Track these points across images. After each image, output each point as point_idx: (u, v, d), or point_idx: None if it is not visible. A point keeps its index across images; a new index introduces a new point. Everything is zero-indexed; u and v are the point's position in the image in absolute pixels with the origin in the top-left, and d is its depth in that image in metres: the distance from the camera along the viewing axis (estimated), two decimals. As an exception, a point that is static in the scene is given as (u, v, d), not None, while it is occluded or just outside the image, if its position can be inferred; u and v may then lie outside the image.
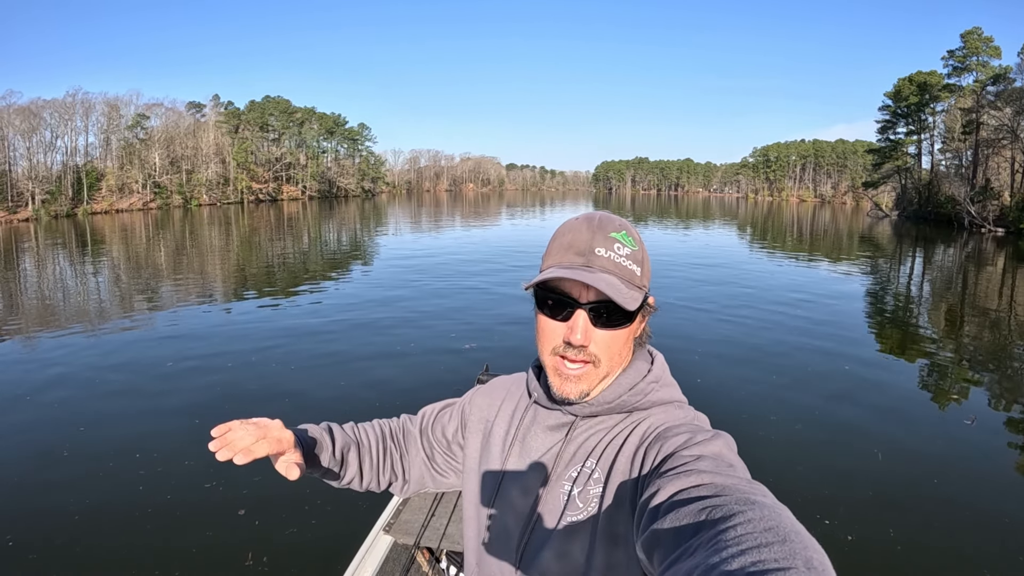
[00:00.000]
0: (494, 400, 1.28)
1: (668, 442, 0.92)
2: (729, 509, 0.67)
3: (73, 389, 7.61)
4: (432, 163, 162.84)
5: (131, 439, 6.09)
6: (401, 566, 2.97)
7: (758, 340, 10.16)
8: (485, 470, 1.19)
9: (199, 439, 4.86)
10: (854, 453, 5.99)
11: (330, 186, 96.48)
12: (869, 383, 8.22)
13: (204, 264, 21.30)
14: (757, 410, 7.05)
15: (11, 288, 16.25)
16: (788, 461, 5.76)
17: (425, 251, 23.40)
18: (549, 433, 1.12)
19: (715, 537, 0.62)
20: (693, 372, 8.23)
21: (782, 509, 0.67)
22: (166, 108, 71.00)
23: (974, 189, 44.11)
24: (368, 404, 7.02)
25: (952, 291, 17.45)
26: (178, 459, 5.62)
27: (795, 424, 6.66)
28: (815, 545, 0.59)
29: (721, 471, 0.80)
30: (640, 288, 1.03)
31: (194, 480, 5.25)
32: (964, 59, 51.37)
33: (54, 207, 51.01)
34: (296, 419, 1.26)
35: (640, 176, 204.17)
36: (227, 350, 9.25)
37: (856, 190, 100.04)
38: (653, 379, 1.07)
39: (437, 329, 10.60)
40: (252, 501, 4.88)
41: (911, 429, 6.69)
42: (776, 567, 0.54)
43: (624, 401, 1.05)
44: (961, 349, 10.55)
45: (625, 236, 1.02)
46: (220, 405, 7.01)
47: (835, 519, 4.73)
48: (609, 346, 1.02)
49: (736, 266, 20.40)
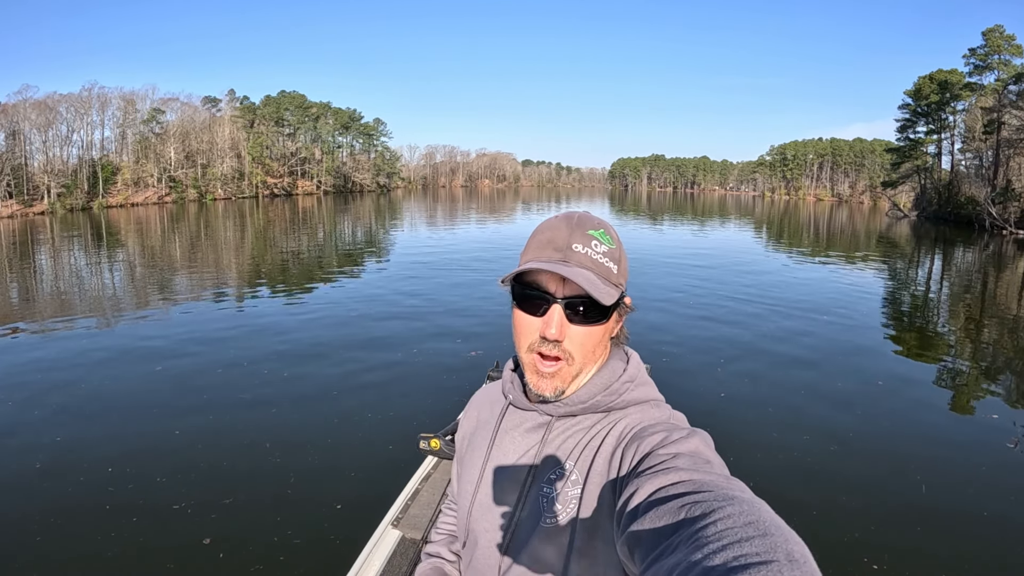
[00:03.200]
0: (472, 413, 1.31)
1: (645, 441, 0.93)
2: (708, 505, 0.67)
3: (87, 381, 7.59)
4: (448, 159, 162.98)
5: (143, 434, 6.09)
6: (409, 560, 2.93)
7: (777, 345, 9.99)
8: (467, 474, 1.20)
9: (213, 435, 4.79)
10: (886, 467, 5.80)
11: (345, 181, 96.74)
12: (904, 393, 7.94)
13: (219, 257, 21.48)
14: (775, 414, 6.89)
15: (25, 279, 16.35)
16: (816, 469, 5.61)
17: (441, 246, 23.44)
18: (526, 435, 1.13)
19: (695, 534, 0.63)
20: (709, 373, 8.11)
21: (761, 504, 0.67)
22: (182, 103, 71.65)
23: (995, 190, 43.37)
24: (379, 404, 6.96)
25: (972, 293, 17.12)
26: (191, 453, 5.65)
27: (830, 444, 6.46)
28: (796, 538, 0.59)
29: (699, 468, 0.80)
30: (616, 286, 1.04)
31: (201, 472, 5.29)
32: (985, 57, 50.48)
33: (70, 200, 51.48)
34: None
35: (656, 173, 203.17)
36: (235, 347, 9.22)
37: (874, 189, 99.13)
38: (628, 378, 1.08)
39: (448, 325, 10.52)
40: (260, 500, 4.87)
41: (948, 445, 6.49)
42: (758, 560, 0.54)
43: (599, 401, 1.05)
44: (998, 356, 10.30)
45: (603, 234, 1.04)
46: (229, 405, 6.99)
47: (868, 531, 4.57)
48: (583, 343, 1.03)
49: (752, 264, 20.21)
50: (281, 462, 5.50)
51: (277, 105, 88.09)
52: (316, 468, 5.41)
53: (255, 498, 4.90)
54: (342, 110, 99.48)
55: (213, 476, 5.24)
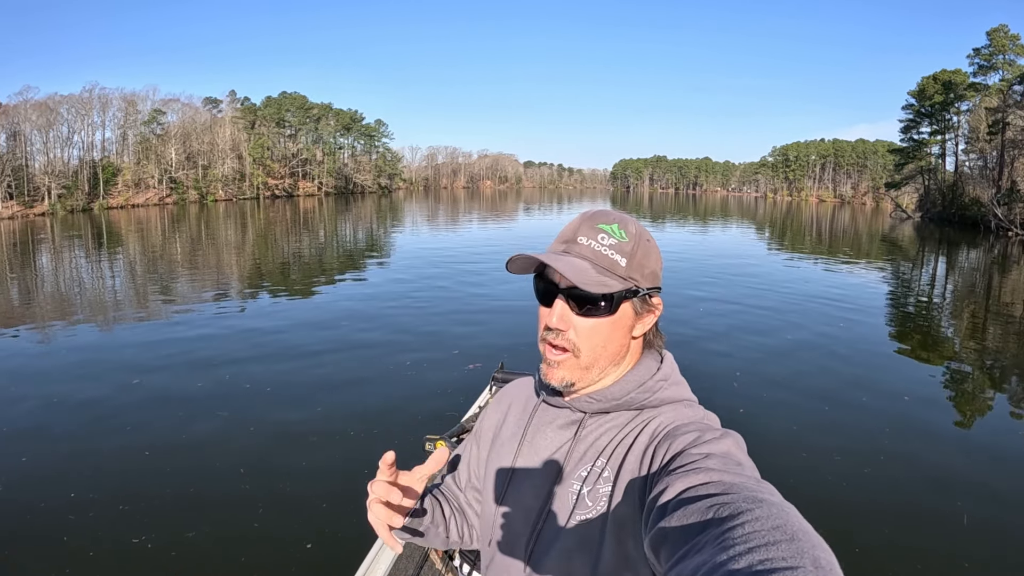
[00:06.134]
0: (502, 406, 1.29)
1: (677, 440, 0.93)
2: (737, 507, 0.67)
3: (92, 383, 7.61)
4: (449, 160, 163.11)
5: (149, 431, 6.20)
6: (415, 564, 3.00)
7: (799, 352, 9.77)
8: (496, 469, 1.19)
9: (214, 434, 4.62)
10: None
11: (346, 182, 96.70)
12: (926, 402, 7.83)
13: (220, 259, 21.44)
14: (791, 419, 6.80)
15: (25, 280, 16.25)
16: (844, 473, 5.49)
17: (442, 246, 23.42)
18: (558, 432, 1.12)
19: (722, 535, 0.63)
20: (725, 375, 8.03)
21: (790, 508, 0.67)
22: (183, 103, 71.60)
23: (1000, 191, 43.15)
24: (385, 404, 6.93)
25: (977, 295, 16.91)
26: (199, 454, 5.73)
27: (855, 448, 6.35)
28: (823, 544, 0.59)
29: (729, 469, 0.80)
30: (622, 279, 1.01)
31: (211, 476, 5.33)
32: (990, 57, 50.23)
33: (70, 202, 51.38)
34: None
35: (658, 175, 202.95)
36: (236, 347, 9.17)
37: (876, 191, 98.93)
38: (662, 377, 1.08)
39: (451, 326, 10.47)
40: (268, 499, 4.92)
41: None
42: (784, 566, 0.54)
43: (633, 398, 1.05)
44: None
45: (615, 228, 1.03)
46: (232, 405, 6.98)
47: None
48: (590, 336, 1.02)
49: (761, 265, 19.98)
50: (285, 463, 5.54)
51: (278, 106, 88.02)
52: (321, 470, 5.44)
53: (259, 498, 4.93)
54: (343, 111, 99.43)
55: (215, 476, 5.27)
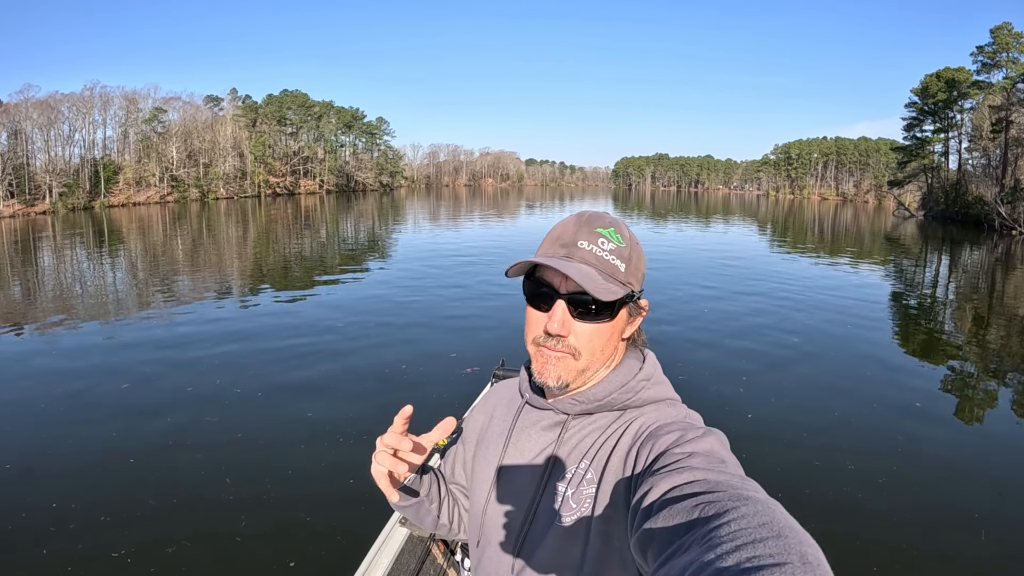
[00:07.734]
0: (487, 408, 1.30)
1: (660, 440, 0.93)
2: (722, 505, 0.67)
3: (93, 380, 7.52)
4: (451, 158, 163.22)
5: (151, 429, 6.23)
6: (416, 558, 3.03)
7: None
8: (481, 472, 1.20)
9: (214, 431, 4.56)
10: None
11: (348, 180, 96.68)
12: (935, 407, 7.70)
13: (221, 257, 21.40)
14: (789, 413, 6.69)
15: (27, 278, 16.19)
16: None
17: (443, 247, 23.38)
18: (542, 433, 1.13)
19: (709, 533, 0.63)
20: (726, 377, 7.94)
21: (775, 504, 0.67)
22: (184, 102, 71.56)
23: (1004, 190, 43.01)
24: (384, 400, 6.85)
25: (1009, 303, 16.81)
26: (201, 449, 5.78)
27: (836, 439, 6.23)
28: (809, 540, 0.59)
29: (713, 467, 0.81)
30: (622, 284, 1.02)
31: (214, 470, 5.39)
32: (993, 55, 50.08)
33: (71, 200, 51.30)
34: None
35: (660, 172, 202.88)
36: (237, 348, 9.09)
37: (879, 189, 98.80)
38: (644, 377, 1.08)
39: (453, 325, 10.46)
40: (271, 494, 4.98)
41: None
42: (771, 562, 0.54)
43: (615, 399, 1.05)
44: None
45: (613, 233, 1.04)
46: (236, 406, 6.96)
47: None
48: (591, 340, 1.03)
49: (765, 265, 19.94)
50: (287, 462, 5.55)
51: (279, 104, 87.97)
52: (323, 467, 5.46)
53: (264, 497, 4.95)
54: (345, 109, 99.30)
55: (218, 477, 5.31)
